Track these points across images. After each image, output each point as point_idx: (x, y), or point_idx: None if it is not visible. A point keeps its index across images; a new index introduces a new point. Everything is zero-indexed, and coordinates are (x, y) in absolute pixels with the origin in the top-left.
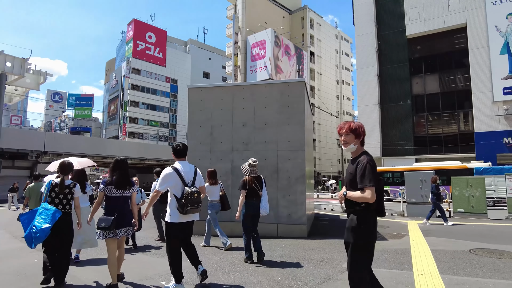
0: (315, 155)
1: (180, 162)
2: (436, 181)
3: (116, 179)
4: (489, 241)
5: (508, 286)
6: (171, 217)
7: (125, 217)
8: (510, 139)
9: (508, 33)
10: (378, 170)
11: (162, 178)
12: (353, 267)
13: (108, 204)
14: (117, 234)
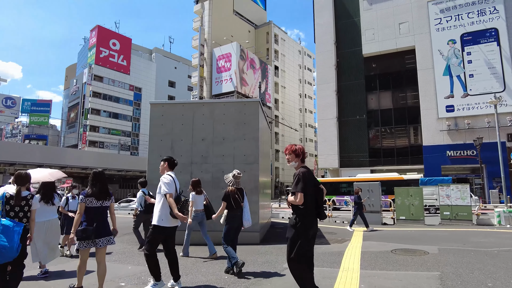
0: (278, 165)
1: (171, 173)
2: (358, 192)
3: (96, 190)
4: (413, 242)
5: (406, 275)
6: (163, 221)
7: (105, 226)
8: (452, 152)
9: (449, 57)
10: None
11: (168, 183)
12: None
13: (88, 214)
14: (97, 243)
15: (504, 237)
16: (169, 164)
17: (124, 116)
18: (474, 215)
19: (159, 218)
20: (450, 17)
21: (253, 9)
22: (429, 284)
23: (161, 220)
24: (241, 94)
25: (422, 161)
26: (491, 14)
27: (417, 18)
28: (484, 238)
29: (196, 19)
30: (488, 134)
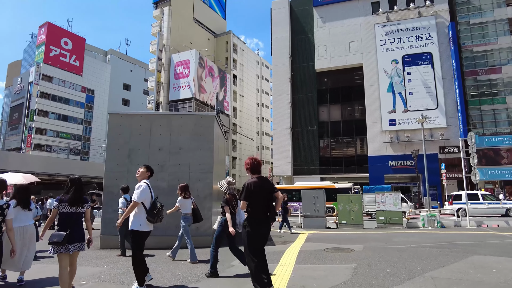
0: (235, 172)
1: (147, 180)
2: (284, 199)
3: (70, 196)
4: (346, 243)
5: (330, 267)
6: (141, 226)
7: (78, 232)
8: (394, 162)
9: (392, 75)
10: None
11: (142, 192)
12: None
13: (61, 220)
14: (70, 249)
15: (421, 236)
16: (150, 171)
17: (75, 119)
18: (405, 219)
19: (137, 224)
20: (394, 39)
21: (213, 17)
22: (344, 273)
23: (139, 225)
24: (199, 101)
25: (367, 170)
26: (427, 40)
27: (365, 38)
28: (405, 238)
29: (155, 24)
30: (425, 146)
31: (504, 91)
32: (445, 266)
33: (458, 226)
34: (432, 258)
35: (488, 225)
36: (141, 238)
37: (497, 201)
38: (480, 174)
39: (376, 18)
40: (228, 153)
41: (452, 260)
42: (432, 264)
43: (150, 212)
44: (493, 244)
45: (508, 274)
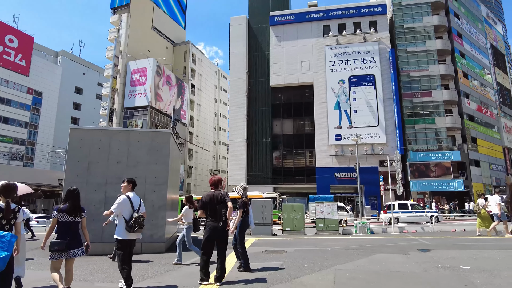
0: (190, 181)
1: (131, 193)
2: None
3: (69, 206)
4: (283, 246)
5: (262, 264)
6: (121, 234)
7: (76, 239)
8: (339, 174)
9: (339, 94)
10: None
11: (119, 204)
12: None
13: (60, 228)
14: (70, 254)
15: (347, 241)
16: (133, 185)
17: (18, 121)
18: (340, 227)
19: (119, 232)
20: (342, 61)
21: (172, 26)
22: (271, 267)
23: (120, 234)
24: (155, 109)
25: (315, 181)
26: (371, 63)
27: (316, 58)
28: (333, 242)
29: (112, 29)
30: (366, 160)
31: (433, 113)
32: (351, 262)
33: (385, 232)
34: (345, 256)
35: (409, 231)
36: (122, 245)
37: (423, 210)
38: (413, 186)
39: (326, 40)
40: (183, 162)
41: (359, 257)
42: (342, 261)
43: (127, 223)
44: (398, 245)
45: (392, 265)
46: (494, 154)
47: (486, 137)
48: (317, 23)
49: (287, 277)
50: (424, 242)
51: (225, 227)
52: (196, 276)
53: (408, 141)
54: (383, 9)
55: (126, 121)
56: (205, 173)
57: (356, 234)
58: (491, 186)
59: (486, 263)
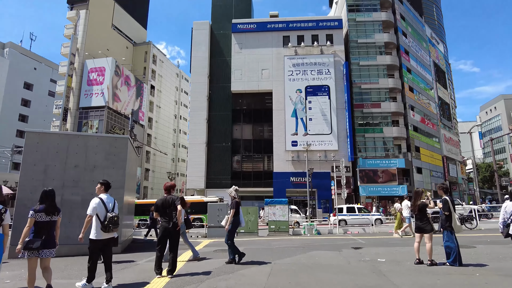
0: (147, 184)
1: (104, 194)
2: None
3: (46, 206)
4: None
5: (209, 261)
6: (96, 235)
7: (52, 239)
8: (295, 178)
9: (296, 103)
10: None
11: (94, 206)
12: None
13: (37, 228)
14: (42, 254)
15: (293, 241)
16: (106, 187)
17: None
18: (291, 228)
19: (93, 233)
20: (299, 71)
21: (133, 26)
22: (219, 263)
23: (94, 234)
24: (112, 110)
25: (272, 185)
26: (326, 75)
27: (276, 67)
28: (281, 242)
29: (68, 25)
30: (320, 166)
31: (382, 123)
32: (289, 257)
33: (331, 233)
34: (287, 253)
35: (352, 232)
36: (95, 245)
37: (368, 213)
38: (362, 190)
39: (286, 50)
40: (140, 165)
41: (297, 254)
42: (282, 256)
43: (102, 223)
44: (336, 244)
45: (323, 259)
46: (435, 162)
47: (428, 147)
48: (277, 34)
49: (230, 270)
50: (360, 241)
51: (175, 227)
52: (149, 272)
53: (358, 149)
54: (339, 24)
55: (82, 121)
56: (163, 176)
57: (304, 235)
58: (431, 191)
59: (400, 256)
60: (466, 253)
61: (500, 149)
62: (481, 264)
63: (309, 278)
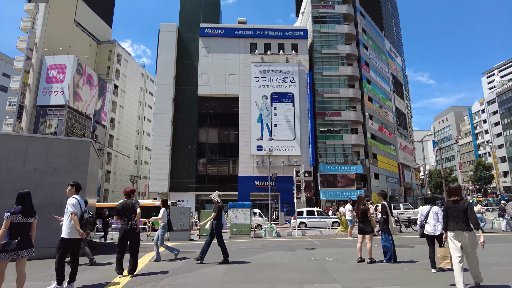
0: (108, 187)
1: (77, 195)
2: (105, 213)
3: (22, 208)
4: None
5: (170, 262)
6: (69, 234)
7: (28, 240)
8: (259, 182)
9: (262, 109)
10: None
11: (74, 205)
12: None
13: (13, 230)
14: (19, 255)
15: (253, 243)
16: (77, 188)
17: None
18: (252, 231)
19: (67, 232)
20: (265, 78)
21: (97, 23)
22: (177, 264)
23: (68, 233)
24: (72, 109)
25: (237, 188)
26: (291, 83)
27: (243, 73)
28: (242, 244)
29: (26, 18)
30: (283, 170)
31: (342, 130)
32: (246, 257)
33: (290, 235)
34: (244, 254)
35: (309, 234)
36: (68, 244)
37: (327, 216)
38: (322, 194)
39: (253, 57)
40: (101, 167)
41: (254, 254)
42: (240, 257)
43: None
44: (292, 245)
45: (277, 259)
46: (391, 169)
47: (384, 154)
48: (245, 40)
49: (189, 269)
50: (315, 243)
51: (134, 229)
52: (111, 272)
53: (319, 154)
54: (305, 34)
55: (39, 120)
56: (125, 178)
57: (264, 237)
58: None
59: (346, 256)
60: (404, 252)
61: (450, 157)
62: (413, 260)
63: (261, 275)
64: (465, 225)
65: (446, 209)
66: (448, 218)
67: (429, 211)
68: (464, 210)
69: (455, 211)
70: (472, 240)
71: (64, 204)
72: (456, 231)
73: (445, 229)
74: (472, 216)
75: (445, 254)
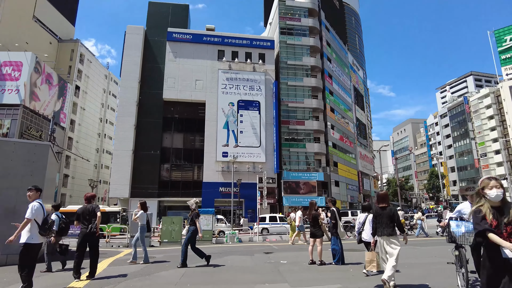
0: (65, 191)
1: (39, 199)
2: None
3: None
4: (155, 254)
5: (128, 266)
6: (33, 239)
7: None
8: (224, 188)
9: (228, 115)
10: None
11: (35, 209)
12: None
13: None
14: None
15: (216, 248)
16: (38, 191)
17: None
18: (214, 237)
19: (30, 237)
20: (232, 85)
21: (59, 20)
22: (136, 268)
23: (31, 238)
24: (29, 109)
25: (201, 194)
26: (257, 91)
27: (210, 79)
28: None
29: None
30: (248, 177)
31: (305, 139)
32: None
33: (251, 241)
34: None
35: (270, 240)
36: (32, 250)
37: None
38: (285, 200)
39: (220, 64)
40: (59, 170)
41: (214, 259)
42: (200, 261)
43: (42, 227)
44: (251, 250)
45: (236, 262)
46: (351, 176)
47: (345, 162)
48: (213, 47)
49: (147, 272)
50: (273, 247)
51: (94, 233)
52: (68, 278)
53: (283, 162)
54: (272, 44)
55: None
56: (84, 183)
57: (226, 243)
58: (347, 202)
59: (300, 259)
60: (353, 255)
61: (407, 166)
62: (359, 262)
63: (217, 277)
64: (391, 230)
65: (374, 216)
66: (376, 224)
67: (366, 218)
68: (390, 217)
69: (382, 217)
70: (395, 244)
71: (18, 210)
72: (382, 236)
73: (373, 234)
74: (398, 222)
75: (372, 258)
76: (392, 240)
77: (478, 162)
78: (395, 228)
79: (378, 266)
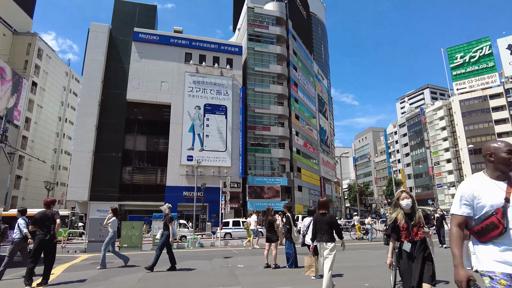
0: (17, 194)
1: None
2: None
3: None
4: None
5: (84, 272)
6: None
7: None
8: (187, 193)
9: (194, 119)
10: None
11: None
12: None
13: None
14: None
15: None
16: None
17: None
18: (175, 242)
19: None
20: (199, 89)
21: (15, 12)
22: (92, 273)
23: None
24: None
25: (164, 199)
26: (224, 96)
27: (176, 81)
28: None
29: None
30: (213, 181)
31: (270, 145)
32: (165, 266)
33: (213, 245)
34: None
35: (232, 244)
36: None
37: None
38: (249, 205)
39: (187, 67)
40: (11, 171)
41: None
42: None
43: None
44: (211, 255)
45: (194, 267)
46: (313, 182)
47: (308, 168)
48: (180, 49)
49: (104, 278)
50: (234, 252)
51: (52, 239)
52: (18, 285)
53: (249, 167)
54: (240, 50)
55: None
56: (39, 185)
57: (187, 248)
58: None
59: (257, 262)
60: None
61: (367, 173)
62: None
63: (174, 281)
64: (329, 236)
65: (314, 222)
66: (316, 229)
67: (310, 222)
68: (329, 223)
69: (322, 223)
70: (331, 250)
71: None
72: (320, 242)
73: (312, 240)
74: (337, 229)
75: (310, 263)
76: (329, 246)
77: (432, 170)
78: (333, 234)
79: (316, 271)
